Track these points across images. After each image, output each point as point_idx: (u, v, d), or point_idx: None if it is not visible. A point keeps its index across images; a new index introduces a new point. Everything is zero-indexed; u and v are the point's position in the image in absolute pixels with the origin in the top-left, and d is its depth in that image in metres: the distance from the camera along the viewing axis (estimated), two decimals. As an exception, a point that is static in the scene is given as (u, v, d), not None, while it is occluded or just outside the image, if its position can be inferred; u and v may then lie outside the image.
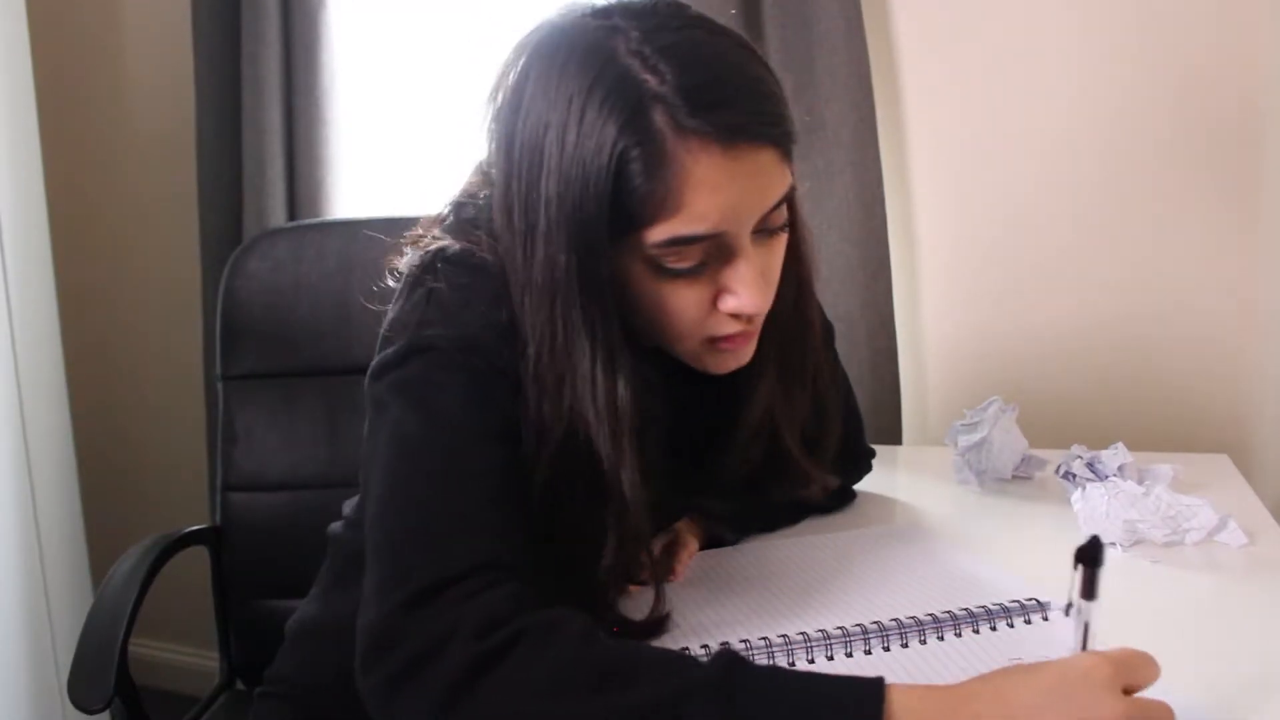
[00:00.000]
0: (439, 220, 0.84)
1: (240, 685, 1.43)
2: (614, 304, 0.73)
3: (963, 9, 1.52)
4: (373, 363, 0.78)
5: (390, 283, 0.84)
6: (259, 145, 1.84)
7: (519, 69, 0.75)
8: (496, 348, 0.75)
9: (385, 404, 0.75)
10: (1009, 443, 1.17)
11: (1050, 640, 0.75)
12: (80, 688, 1.10)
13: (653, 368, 0.79)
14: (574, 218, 0.70)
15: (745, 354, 0.81)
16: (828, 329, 1.04)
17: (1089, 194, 1.50)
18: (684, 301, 0.75)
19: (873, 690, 0.57)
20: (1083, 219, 1.50)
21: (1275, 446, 1.40)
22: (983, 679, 0.60)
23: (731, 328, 0.77)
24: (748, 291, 0.74)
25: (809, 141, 1.52)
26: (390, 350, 0.76)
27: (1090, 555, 0.60)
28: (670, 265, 0.73)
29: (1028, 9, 1.49)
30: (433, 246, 0.80)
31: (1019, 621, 0.77)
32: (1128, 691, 0.58)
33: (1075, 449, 1.15)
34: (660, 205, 0.69)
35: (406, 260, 0.82)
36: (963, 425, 1.19)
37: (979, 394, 1.25)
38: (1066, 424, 1.42)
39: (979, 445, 1.16)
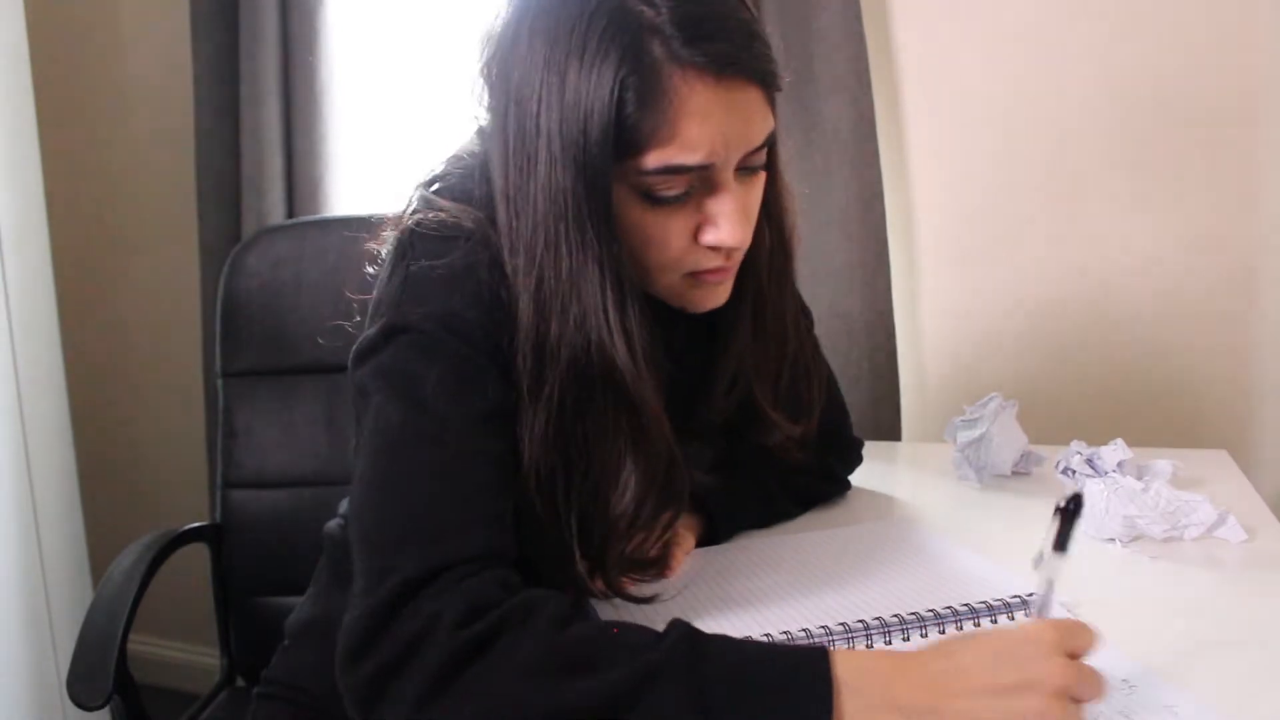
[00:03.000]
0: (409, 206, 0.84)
1: (240, 682, 1.43)
2: (616, 228, 0.74)
3: (961, 5, 1.52)
4: (356, 344, 0.78)
5: (371, 271, 0.84)
6: (257, 142, 1.84)
7: (516, 8, 0.76)
8: (478, 321, 0.75)
9: (368, 391, 0.75)
10: (1008, 439, 1.17)
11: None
12: (79, 685, 1.10)
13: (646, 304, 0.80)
14: (579, 144, 0.71)
15: (723, 292, 0.83)
16: (805, 314, 1.04)
17: (1088, 190, 1.50)
18: (667, 231, 0.77)
19: (818, 656, 0.61)
20: (1083, 215, 1.50)
21: (1274, 442, 1.41)
22: (937, 644, 0.64)
23: (711, 261, 0.79)
24: (729, 224, 0.76)
25: (808, 139, 1.52)
26: (371, 331, 0.76)
27: (1071, 509, 0.63)
28: (658, 193, 0.74)
29: (1026, 5, 1.49)
30: (408, 222, 0.80)
31: (1020, 616, 0.77)
32: (1071, 656, 0.61)
33: (1074, 445, 1.15)
34: (653, 133, 0.71)
35: (386, 243, 0.82)
36: (962, 421, 1.19)
37: (978, 390, 1.25)
38: (1066, 420, 1.42)
39: (978, 441, 1.16)
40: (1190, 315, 1.47)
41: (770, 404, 0.94)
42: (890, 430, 1.56)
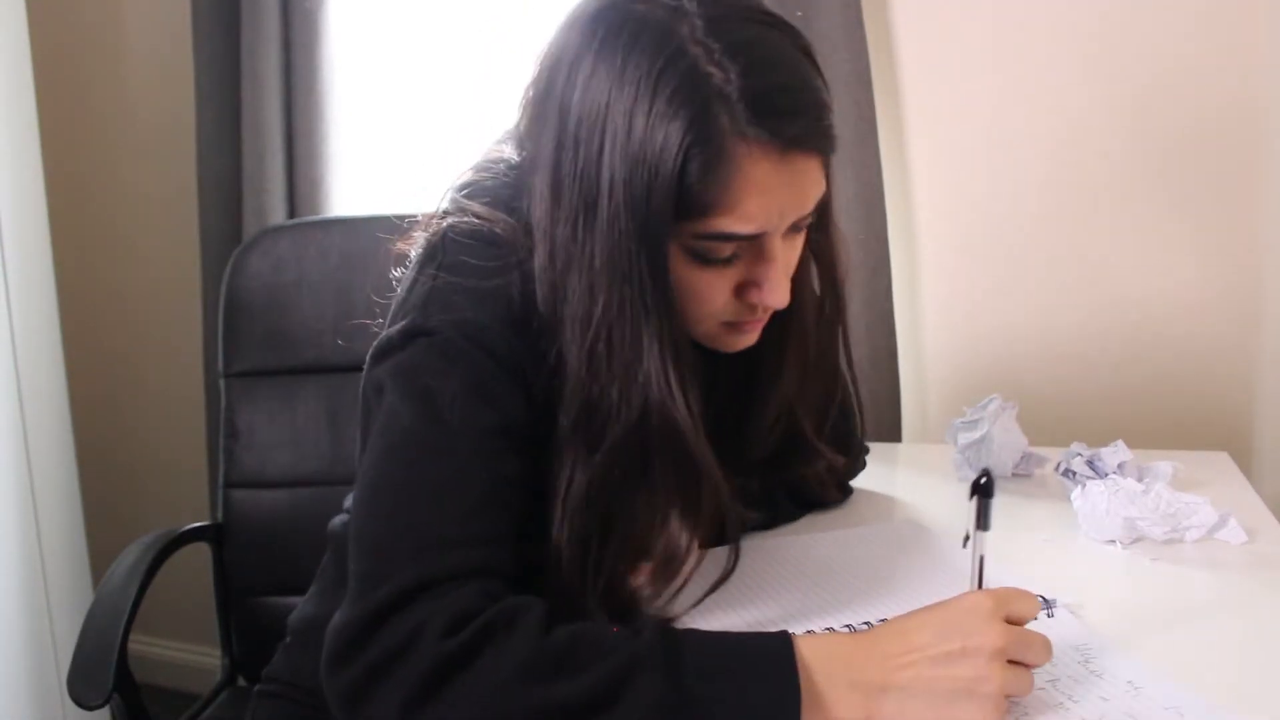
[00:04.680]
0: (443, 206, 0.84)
1: (242, 682, 1.43)
2: (673, 289, 0.74)
3: (962, 5, 1.52)
4: (375, 342, 0.77)
5: (397, 274, 0.83)
6: (258, 142, 1.84)
7: (576, 39, 0.74)
8: (503, 336, 0.74)
9: (382, 388, 0.75)
10: (1009, 440, 1.17)
11: (1057, 637, 0.74)
12: (80, 684, 1.10)
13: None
14: (640, 206, 0.70)
15: (754, 336, 0.84)
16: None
17: (1089, 191, 1.50)
18: (711, 288, 0.77)
19: (783, 641, 0.64)
20: (1083, 216, 1.50)
21: (1275, 444, 1.41)
22: (891, 621, 0.68)
23: (750, 315, 0.80)
24: (772, 288, 0.77)
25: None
26: (394, 330, 0.75)
27: (983, 488, 0.67)
28: (708, 255, 0.75)
29: (1027, 5, 1.49)
30: (443, 224, 0.79)
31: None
32: (1012, 623, 0.65)
33: (1075, 446, 1.15)
34: (712, 202, 0.71)
35: (416, 244, 0.82)
36: (963, 423, 1.19)
37: (979, 391, 1.25)
38: (1066, 421, 1.42)
39: (979, 442, 1.16)
40: (1191, 316, 1.47)
41: (816, 434, 0.94)
42: (890, 431, 1.56)
